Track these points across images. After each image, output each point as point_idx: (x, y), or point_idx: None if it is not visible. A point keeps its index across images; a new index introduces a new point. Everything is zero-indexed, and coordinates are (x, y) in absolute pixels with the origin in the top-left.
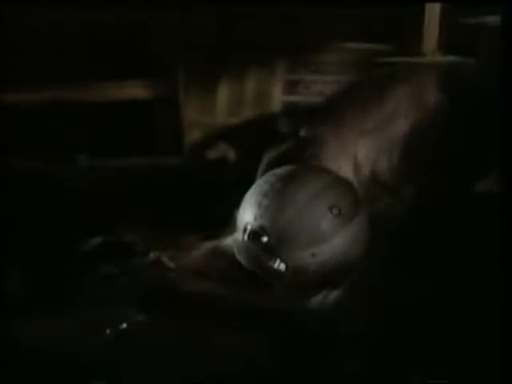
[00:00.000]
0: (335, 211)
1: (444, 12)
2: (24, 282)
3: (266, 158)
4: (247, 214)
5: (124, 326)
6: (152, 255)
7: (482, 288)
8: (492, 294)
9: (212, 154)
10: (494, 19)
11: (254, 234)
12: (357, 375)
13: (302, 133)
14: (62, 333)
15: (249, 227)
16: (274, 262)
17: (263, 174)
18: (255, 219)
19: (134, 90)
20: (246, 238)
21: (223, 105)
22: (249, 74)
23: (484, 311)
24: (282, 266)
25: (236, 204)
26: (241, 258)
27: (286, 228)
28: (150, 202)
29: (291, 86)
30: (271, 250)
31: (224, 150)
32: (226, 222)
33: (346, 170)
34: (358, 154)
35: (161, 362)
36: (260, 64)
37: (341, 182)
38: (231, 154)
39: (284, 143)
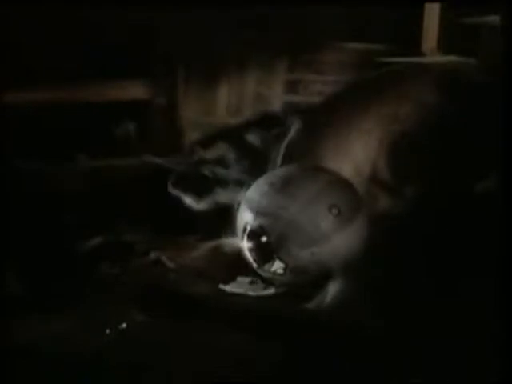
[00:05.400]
0: (335, 211)
1: (444, 12)
2: (24, 282)
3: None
4: (247, 214)
5: (124, 325)
6: (152, 255)
7: (481, 287)
8: (492, 294)
9: (212, 153)
10: (493, 19)
11: (254, 234)
12: (357, 375)
13: (302, 132)
14: (62, 333)
15: (248, 227)
16: (274, 261)
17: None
18: (255, 219)
19: (134, 90)
20: (245, 237)
21: (223, 105)
22: (249, 74)
23: (484, 311)
24: (281, 266)
25: (236, 204)
26: None
27: (285, 228)
28: (150, 202)
29: (291, 86)
30: (270, 250)
31: (224, 150)
32: (226, 222)
33: (346, 170)
34: (358, 154)
35: (161, 362)
36: (260, 64)
37: (341, 182)
38: (231, 154)
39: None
